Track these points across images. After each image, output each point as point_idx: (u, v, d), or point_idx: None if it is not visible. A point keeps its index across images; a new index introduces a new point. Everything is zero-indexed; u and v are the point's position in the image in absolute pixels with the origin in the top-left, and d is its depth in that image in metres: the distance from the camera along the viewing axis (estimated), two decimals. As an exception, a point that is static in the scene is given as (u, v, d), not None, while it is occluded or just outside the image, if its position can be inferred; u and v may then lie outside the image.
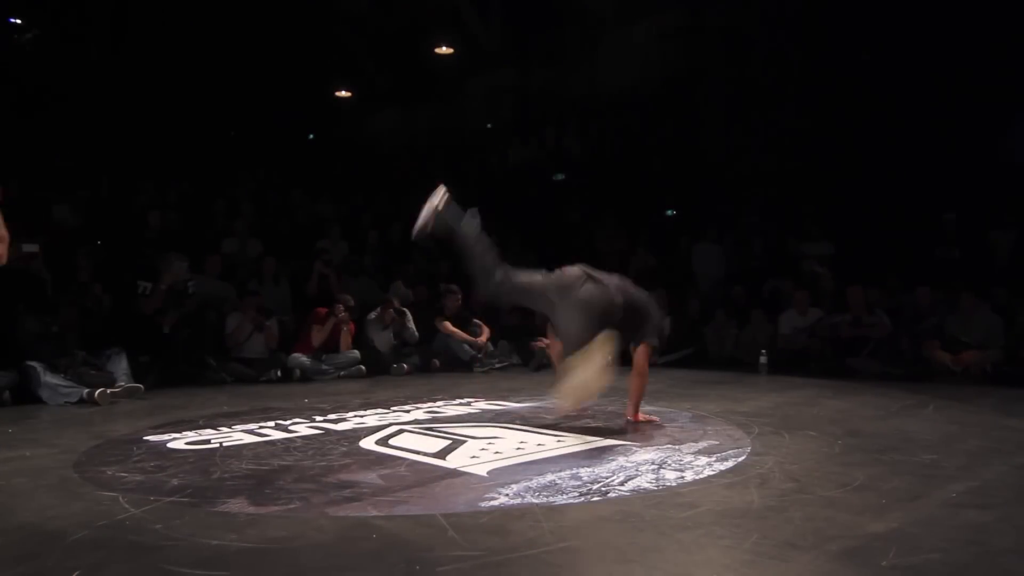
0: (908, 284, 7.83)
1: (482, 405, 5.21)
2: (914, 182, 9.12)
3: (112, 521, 2.52)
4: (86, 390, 5.48)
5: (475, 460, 3.36)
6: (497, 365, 8.07)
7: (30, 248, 6.41)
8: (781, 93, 10.90)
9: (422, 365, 7.87)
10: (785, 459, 3.29)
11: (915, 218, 8.97)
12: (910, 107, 9.30)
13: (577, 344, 3.88)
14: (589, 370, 3.76)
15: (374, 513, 2.60)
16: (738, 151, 11.32)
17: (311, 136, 14.80)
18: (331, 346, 7.46)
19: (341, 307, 7.46)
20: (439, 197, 4.22)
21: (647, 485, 2.88)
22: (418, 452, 3.58)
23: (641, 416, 4.34)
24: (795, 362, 7.39)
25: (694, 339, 8.69)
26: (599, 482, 2.93)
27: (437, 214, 4.17)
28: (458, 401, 5.38)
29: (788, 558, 2.10)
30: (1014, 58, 8.43)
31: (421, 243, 5.70)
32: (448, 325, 8.05)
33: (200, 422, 4.60)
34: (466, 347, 7.99)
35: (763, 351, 7.42)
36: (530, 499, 2.71)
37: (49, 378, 5.52)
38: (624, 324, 4.13)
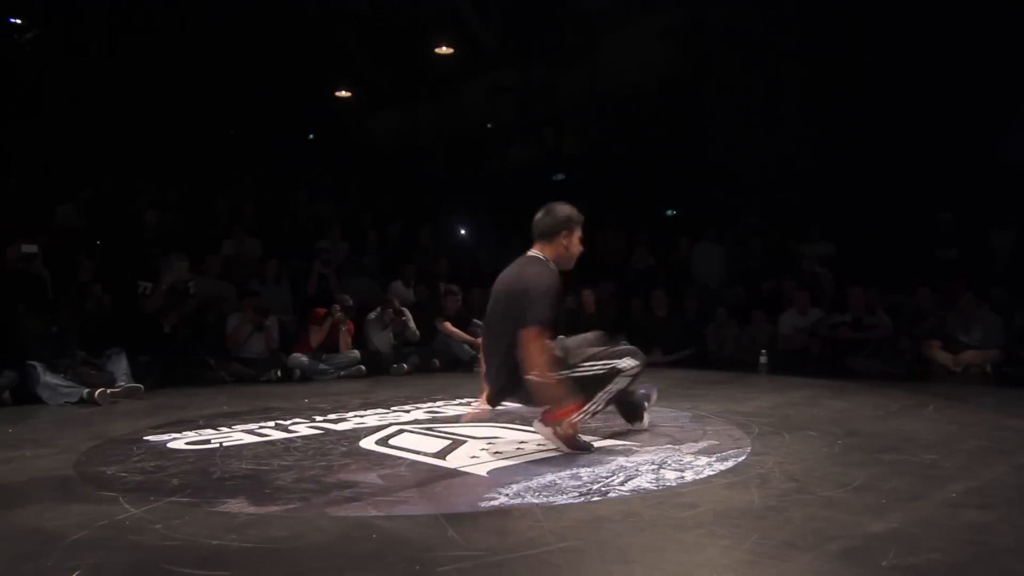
0: (908, 284, 7.83)
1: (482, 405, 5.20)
2: (913, 182, 9.12)
3: (112, 521, 2.52)
4: (86, 390, 5.48)
5: (475, 460, 3.36)
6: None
7: (30, 248, 6.40)
8: (781, 93, 10.90)
9: (422, 365, 7.87)
10: (785, 459, 3.29)
11: (915, 218, 8.97)
12: (909, 107, 9.29)
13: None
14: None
15: (374, 513, 2.59)
16: (738, 151, 11.31)
17: (311, 136, 14.80)
18: (330, 346, 7.46)
19: (338, 307, 7.47)
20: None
21: (647, 485, 2.88)
22: (418, 452, 3.58)
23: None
24: (795, 362, 7.39)
25: (694, 339, 8.69)
26: (599, 482, 2.93)
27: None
28: (458, 401, 5.37)
29: (788, 558, 2.10)
30: (1013, 58, 8.42)
31: None
32: (448, 325, 8.06)
33: (200, 422, 4.60)
34: (466, 347, 7.98)
35: (763, 351, 7.42)
36: (530, 499, 2.71)
37: (49, 378, 5.52)
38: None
